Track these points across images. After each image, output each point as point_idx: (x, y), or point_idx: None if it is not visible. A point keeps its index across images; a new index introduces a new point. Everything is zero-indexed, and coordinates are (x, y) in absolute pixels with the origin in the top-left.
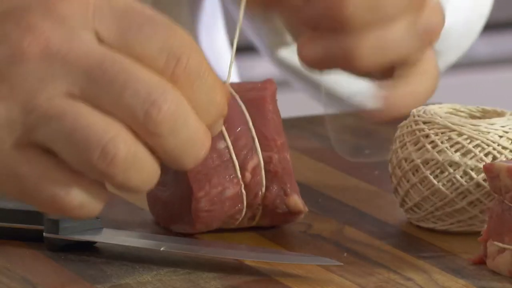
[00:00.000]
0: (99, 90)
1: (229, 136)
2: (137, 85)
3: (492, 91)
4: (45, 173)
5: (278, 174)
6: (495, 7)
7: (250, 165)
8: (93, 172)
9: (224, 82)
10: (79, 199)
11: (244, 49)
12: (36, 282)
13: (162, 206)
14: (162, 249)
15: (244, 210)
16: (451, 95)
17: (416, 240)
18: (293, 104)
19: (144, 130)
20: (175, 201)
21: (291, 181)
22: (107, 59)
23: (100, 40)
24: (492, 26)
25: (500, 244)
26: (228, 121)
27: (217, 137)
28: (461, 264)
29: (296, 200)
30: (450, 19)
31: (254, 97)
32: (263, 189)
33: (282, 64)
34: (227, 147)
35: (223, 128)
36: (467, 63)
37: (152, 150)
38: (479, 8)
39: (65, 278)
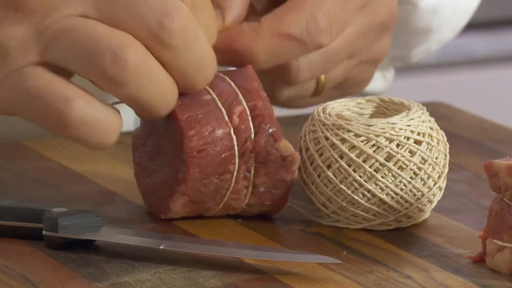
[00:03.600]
0: (112, 4)
1: (214, 91)
2: None
3: (490, 89)
4: (50, 86)
5: (265, 118)
6: (494, 5)
7: (237, 110)
8: (106, 81)
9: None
10: (82, 111)
11: None
12: (35, 280)
13: (157, 192)
14: (161, 247)
15: (237, 159)
16: (449, 94)
17: (416, 238)
18: None
19: (157, 42)
20: (169, 174)
21: (278, 128)
22: None
23: None
24: (489, 24)
25: (499, 242)
26: (211, 83)
27: (201, 93)
28: (461, 262)
29: (286, 143)
30: None
31: (237, 69)
32: (253, 136)
33: None
34: (213, 98)
35: (207, 87)
36: (464, 61)
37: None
38: None
39: (64, 276)
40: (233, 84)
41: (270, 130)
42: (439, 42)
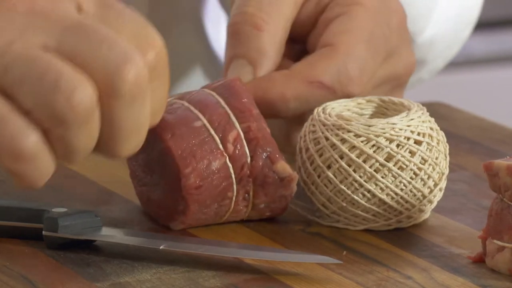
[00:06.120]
0: (75, 43)
1: (204, 116)
2: (113, 43)
3: (490, 89)
4: (3, 114)
5: (259, 141)
6: (492, 5)
7: (231, 136)
8: (52, 117)
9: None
10: (35, 146)
11: None
12: (35, 280)
13: (155, 206)
14: (161, 247)
15: (235, 185)
16: (449, 94)
17: (416, 238)
18: None
19: (109, 88)
20: (167, 198)
21: (274, 148)
22: (85, 22)
23: (80, 12)
24: (488, 24)
25: (499, 242)
26: (200, 105)
27: (192, 118)
28: (460, 263)
29: (284, 165)
30: (437, 29)
31: (222, 82)
32: (249, 160)
33: None
34: (204, 125)
35: (196, 111)
36: (463, 62)
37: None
38: (467, 16)
39: (64, 276)
40: (223, 103)
41: (266, 153)
42: (432, 72)
